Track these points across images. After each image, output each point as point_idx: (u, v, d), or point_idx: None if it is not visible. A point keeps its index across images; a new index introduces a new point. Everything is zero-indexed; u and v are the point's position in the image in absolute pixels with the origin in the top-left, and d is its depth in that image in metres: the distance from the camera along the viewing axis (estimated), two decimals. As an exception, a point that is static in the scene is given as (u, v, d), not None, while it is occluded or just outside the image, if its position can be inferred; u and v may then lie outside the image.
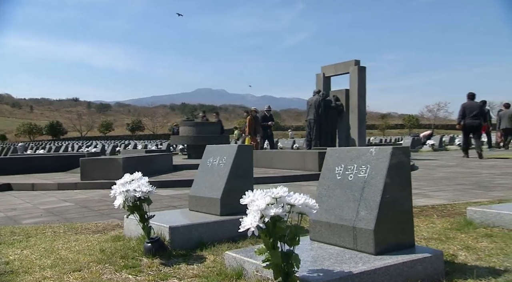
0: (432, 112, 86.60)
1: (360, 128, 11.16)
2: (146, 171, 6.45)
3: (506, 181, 5.76)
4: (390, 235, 1.76)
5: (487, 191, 4.70)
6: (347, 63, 11.68)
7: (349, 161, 1.98)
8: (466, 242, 2.37)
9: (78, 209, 4.30)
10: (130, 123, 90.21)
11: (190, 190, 3.04)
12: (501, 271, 1.83)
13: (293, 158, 7.01)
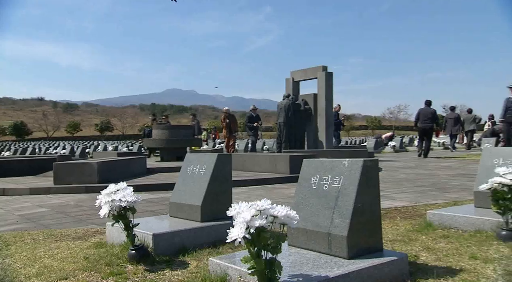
0: (393, 114, 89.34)
1: (328, 131, 11.45)
2: (120, 174, 6.46)
3: (459, 182, 6.11)
4: (361, 240, 1.90)
5: (443, 193, 4.99)
6: (315, 68, 11.94)
7: (324, 172, 2.10)
8: (427, 243, 2.55)
9: (54, 214, 4.24)
10: (99, 124, 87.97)
11: (170, 196, 3.09)
12: (457, 270, 2.00)
13: (265, 161, 7.14)
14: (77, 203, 4.92)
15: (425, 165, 9.95)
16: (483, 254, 2.26)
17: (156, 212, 4.19)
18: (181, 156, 9.67)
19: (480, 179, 3.08)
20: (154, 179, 6.61)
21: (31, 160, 8.78)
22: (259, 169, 7.19)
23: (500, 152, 3.20)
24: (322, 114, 11.51)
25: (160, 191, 5.75)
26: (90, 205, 4.74)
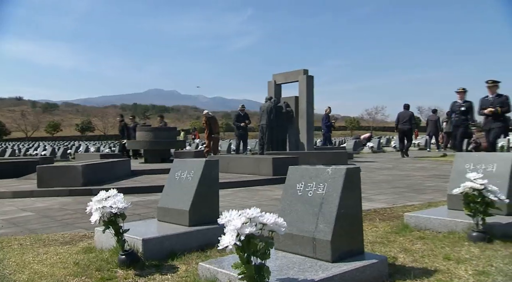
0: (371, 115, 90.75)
1: (309, 133, 11.60)
2: (105, 177, 6.42)
3: (433, 183, 6.30)
4: (344, 244, 1.98)
5: (419, 194, 5.15)
6: (296, 72, 12.09)
7: (308, 179, 2.18)
8: (404, 245, 2.66)
9: (40, 218, 4.20)
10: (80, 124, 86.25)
11: (158, 201, 3.13)
12: (432, 271, 2.11)
13: (248, 163, 7.20)
14: (61, 207, 4.88)
15: (401, 166, 10.19)
16: (456, 255, 2.38)
17: (143, 215, 4.20)
18: (165, 157, 9.64)
19: (453, 183, 3.22)
20: (139, 182, 6.59)
21: (12, 162, 8.61)
22: (243, 170, 7.25)
23: (471, 157, 3.35)
24: (303, 116, 11.66)
25: (145, 194, 5.74)
26: (75, 209, 4.71)
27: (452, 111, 8.98)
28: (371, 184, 6.26)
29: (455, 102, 8.94)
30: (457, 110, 8.78)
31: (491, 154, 3.34)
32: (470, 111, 8.76)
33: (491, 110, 7.64)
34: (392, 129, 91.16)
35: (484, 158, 3.29)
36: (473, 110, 8.89)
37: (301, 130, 11.68)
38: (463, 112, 8.66)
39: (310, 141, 11.66)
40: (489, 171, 3.16)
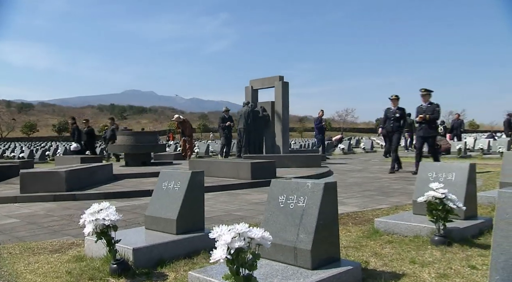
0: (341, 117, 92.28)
1: (284, 136, 11.79)
2: (88, 182, 6.37)
3: (399, 186, 6.57)
4: (322, 252, 2.11)
5: (387, 197, 5.37)
6: (272, 78, 12.26)
7: (290, 192, 2.30)
8: (375, 249, 2.82)
9: (26, 225, 4.16)
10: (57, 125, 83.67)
11: (146, 210, 3.17)
12: (400, 275, 2.27)
13: (228, 167, 7.28)
14: (47, 213, 4.83)
15: (370, 168, 10.50)
16: (421, 258, 2.56)
17: (128, 221, 4.22)
18: (145, 160, 9.59)
19: (418, 190, 3.42)
20: (122, 186, 6.56)
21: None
22: (223, 174, 7.32)
23: (433, 166, 3.57)
24: (279, 121, 11.86)
25: (128, 198, 5.73)
26: (60, 215, 4.67)
27: (387, 117, 8.89)
28: (343, 187, 6.46)
29: (389, 109, 8.92)
30: (392, 117, 8.74)
31: (451, 163, 3.56)
32: (404, 117, 8.84)
33: (421, 117, 7.82)
34: (360, 130, 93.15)
35: (444, 167, 3.51)
36: (405, 117, 9.03)
37: (277, 133, 11.86)
38: (397, 119, 8.64)
39: (286, 143, 11.86)
40: (449, 179, 3.38)
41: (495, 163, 11.39)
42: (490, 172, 8.52)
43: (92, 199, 5.70)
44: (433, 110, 7.79)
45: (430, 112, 7.79)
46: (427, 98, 7.94)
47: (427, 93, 7.93)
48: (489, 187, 6.12)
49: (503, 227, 1.56)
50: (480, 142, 16.28)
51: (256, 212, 4.46)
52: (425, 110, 7.85)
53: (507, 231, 1.55)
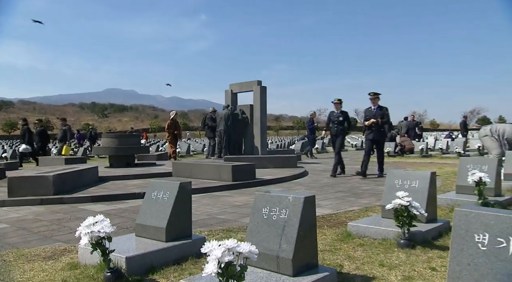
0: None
1: (262, 137, 11.91)
2: (75, 185, 6.29)
3: (369, 187, 6.79)
4: (302, 260, 2.23)
5: (357, 198, 5.57)
6: (251, 82, 12.35)
7: (272, 204, 2.40)
8: (348, 252, 2.97)
9: (17, 231, 4.10)
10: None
11: (137, 218, 3.21)
12: (371, 278, 2.41)
13: (210, 170, 7.33)
14: (36, 217, 4.76)
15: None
16: (388, 261, 2.71)
17: (117, 226, 4.19)
18: (129, 162, 9.50)
19: (386, 196, 3.60)
20: (107, 188, 6.51)
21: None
22: (204, 176, 7.37)
23: (399, 174, 3.75)
24: (257, 123, 11.95)
25: (115, 201, 5.70)
26: (49, 219, 4.62)
27: (330, 121, 8.55)
28: (317, 189, 6.62)
29: (333, 112, 8.58)
30: (335, 120, 8.40)
31: (414, 172, 3.75)
32: (347, 121, 8.52)
33: (372, 121, 7.69)
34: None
35: (409, 175, 3.70)
36: (349, 120, 8.77)
37: (255, 135, 11.96)
38: (340, 122, 8.34)
39: (264, 145, 11.98)
40: (413, 186, 3.57)
41: (453, 162, 11.90)
42: (448, 172, 8.89)
43: (80, 202, 5.66)
44: (383, 114, 7.72)
45: (380, 116, 7.71)
46: (376, 102, 7.84)
47: (376, 96, 7.83)
48: (447, 187, 6.43)
49: (459, 242, 1.71)
50: (439, 142, 16.90)
51: (238, 215, 4.55)
52: (375, 114, 7.75)
53: (462, 245, 1.70)
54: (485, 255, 1.64)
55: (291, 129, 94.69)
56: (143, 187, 6.62)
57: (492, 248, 1.63)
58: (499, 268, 1.60)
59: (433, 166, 10.92)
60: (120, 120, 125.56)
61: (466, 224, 1.72)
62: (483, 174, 4.28)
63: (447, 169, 9.74)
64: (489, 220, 1.67)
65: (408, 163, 12.05)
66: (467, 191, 4.71)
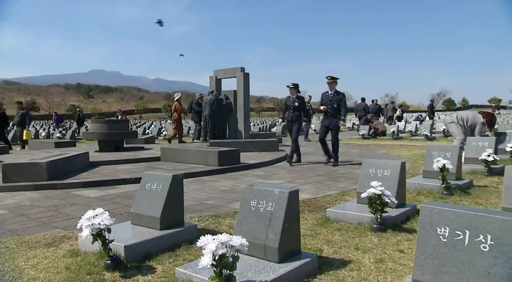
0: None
1: (246, 122, 11.97)
2: (67, 170, 6.26)
3: (345, 170, 6.99)
4: (287, 248, 2.37)
5: (335, 182, 5.76)
6: (234, 69, 12.28)
7: (260, 198, 2.51)
8: (327, 236, 3.13)
9: (15, 217, 4.09)
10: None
11: (131, 207, 3.27)
12: (347, 261, 2.58)
13: (197, 155, 7.38)
14: (32, 203, 4.74)
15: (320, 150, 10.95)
16: (363, 245, 2.89)
17: (111, 212, 4.20)
18: (118, 146, 9.44)
19: (361, 184, 3.78)
20: (98, 174, 6.49)
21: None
22: (192, 161, 7.42)
23: (373, 163, 3.92)
24: (241, 108, 11.97)
25: (106, 187, 5.71)
26: (46, 205, 4.62)
27: (286, 107, 7.73)
28: (298, 172, 6.78)
29: (289, 98, 7.74)
30: (291, 106, 7.58)
31: (386, 161, 3.92)
32: (303, 106, 7.71)
33: (324, 108, 7.24)
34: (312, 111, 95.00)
35: (382, 164, 3.88)
36: (305, 106, 7.87)
37: (239, 120, 12.01)
38: (296, 108, 7.53)
39: (247, 129, 12.05)
40: (385, 175, 3.75)
41: (420, 145, 12.30)
42: (416, 154, 9.22)
43: (73, 187, 5.65)
44: (339, 100, 7.20)
45: (337, 101, 7.18)
46: (334, 86, 7.24)
47: (334, 81, 7.23)
48: (415, 170, 6.70)
49: (424, 234, 1.87)
50: (409, 125, 17.35)
51: (225, 201, 4.66)
52: (331, 99, 7.20)
53: (426, 237, 1.86)
54: (445, 245, 1.80)
55: (272, 111, 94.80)
56: (132, 172, 6.64)
57: (451, 240, 1.80)
58: (457, 257, 1.77)
59: (403, 148, 11.27)
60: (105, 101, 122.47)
61: (430, 219, 1.87)
62: (446, 161, 4.51)
63: (415, 151, 10.08)
64: (449, 215, 1.83)
65: (380, 145, 12.39)
66: (433, 176, 4.96)
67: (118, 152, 9.13)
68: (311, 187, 5.42)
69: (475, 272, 1.69)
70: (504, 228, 1.68)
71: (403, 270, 2.41)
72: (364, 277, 2.33)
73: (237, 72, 12.01)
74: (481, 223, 1.73)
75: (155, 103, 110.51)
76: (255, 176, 6.53)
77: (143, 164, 7.52)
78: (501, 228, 1.69)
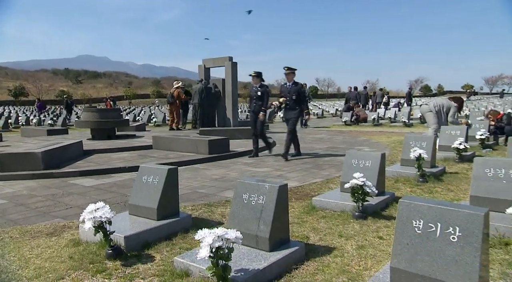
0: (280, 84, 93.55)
1: (234, 110, 11.97)
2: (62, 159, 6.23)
3: (329, 158, 7.13)
4: (277, 238, 2.48)
5: (319, 170, 5.89)
6: (223, 58, 12.18)
7: (252, 191, 2.60)
8: (313, 224, 3.26)
9: (15, 207, 4.08)
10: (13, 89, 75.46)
11: (129, 199, 3.32)
12: (332, 248, 2.72)
13: (188, 144, 7.41)
14: (30, 193, 4.73)
15: (305, 137, 11.11)
16: (346, 232, 3.03)
17: (108, 201, 4.24)
18: (111, 134, 9.37)
19: (345, 174, 3.91)
20: (94, 163, 6.47)
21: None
22: (183, 149, 7.45)
23: (356, 154, 4.04)
24: (229, 96, 11.95)
25: (102, 175, 5.71)
26: (44, 194, 4.62)
27: (251, 97, 7.06)
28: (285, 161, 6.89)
29: (252, 87, 7.08)
30: (254, 95, 6.94)
31: (368, 153, 4.05)
32: (266, 96, 6.86)
33: (283, 100, 6.66)
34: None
35: (364, 155, 4.01)
36: (268, 96, 6.98)
37: (228, 108, 12.00)
38: (259, 98, 6.85)
39: (235, 116, 12.07)
40: (367, 165, 3.89)
41: (399, 131, 12.60)
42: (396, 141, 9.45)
43: (69, 176, 5.64)
44: (298, 91, 6.63)
45: (295, 92, 6.61)
46: (292, 77, 6.65)
47: (291, 71, 6.65)
48: (394, 157, 6.91)
49: (401, 226, 2.00)
50: (388, 112, 17.64)
51: (217, 189, 4.74)
52: (290, 91, 6.65)
53: (403, 228, 1.99)
54: (419, 237, 1.93)
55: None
56: (127, 160, 6.64)
57: (425, 231, 1.93)
58: (429, 247, 1.90)
59: (382, 134, 11.51)
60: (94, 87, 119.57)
61: (407, 213, 2.00)
62: (422, 151, 4.68)
63: (394, 138, 10.33)
64: (424, 209, 1.96)
65: (362, 132, 12.61)
66: (410, 164, 5.13)
67: (110, 139, 9.07)
68: (297, 175, 5.55)
69: (445, 260, 1.83)
70: (470, 221, 1.82)
71: (382, 255, 2.56)
72: (347, 263, 2.47)
73: (226, 62, 11.94)
74: (451, 217, 1.87)
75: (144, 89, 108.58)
76: (244, 164, 6.61)
77: (136, 152, 7.51)
78: (467, 221, 1.82)
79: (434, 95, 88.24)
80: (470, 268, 1.76)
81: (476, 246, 1.77)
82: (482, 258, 1.77)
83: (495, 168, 3.26)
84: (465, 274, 1.75)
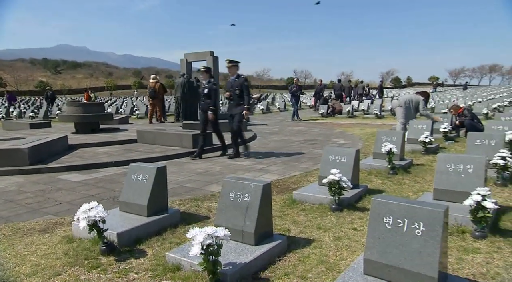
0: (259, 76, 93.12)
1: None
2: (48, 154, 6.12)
3: (307, 150, 7.30)
4: (262, 232, 2.60)
5: (299, 163, 6.05)
6: (204, 53, 12.08)
7: (238, 190, 2.70)
8: (294, 217, 3.41)
9: (5, 204, 4.01)
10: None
11: (120, 196, 3.35)
12: (311, 240, 2.87)
13: (172, 137, 7.39)
14: (19, 189, 4.64)
15: (284, 129, 11.28)
16: (324, 224, 3.19)
17: (97, 197, 4.25)
18: (94, 128, 9.20)
19: (322, 169, 4.06)
20: (80, 157, 6.37)
21: None
22: (167, 143, 7.43)
23: (333, 150, 4.21)
24: (211, 90, 11.88)
25: (88, 170, 5.64)
26: (33, 191, 4.55)
27: (203, 94, 6.37)
28: (264, 154, 6.98)
29: (202, 84, 6.53)
30: (202, 93, 6.37)
31: (343, 149, 4.22)
32: (213, 94, 6.26)
33: (229, 94, 6.21)
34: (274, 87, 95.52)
35: (340, 151, 4.17)
36: (216, 93, 6.36)
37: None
38: (207, 95, 6.24)
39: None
40: (343, 161, 4.06)
41: (372, 123, 12.96)
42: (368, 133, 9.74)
43: (56, 171, 5.55)
44: (240, 85, 6.10)
45: (238, 86, 6.11)
46: (234, 71, 6.12)
47: (233, 64, 6.10)
48: (367, 149, 7.16)
49: (373, 222, 2.15)
50: (362, 104, 18.05)
51: (202, 183, 4.81)
52: (233, 84, 6.15)
53: (375, 224, 2.15)
54: (389, 231, 2.10)
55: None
56: (112, 154, 6.58)
57: (394, 227, 2.09)
58: (398, 240, 2.07)
59: (356, 126, 11.81)
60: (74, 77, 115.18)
61: (379, 210, 2.15)
62: (392, 146, 4.91)
63: (367, 130, 10.63)
64: (393, 207, 2.12)
65: (337, 124, 12.89)
66: (381, 157, 5.36)
67: (94, 133, 8.90)
68: (277, 168, 5.68)
69: (410, 252, 2.01)
70: (432, 217, 1.99)
71: (356, 246, 2.74)
72: (325, 253, 2.62)
73: (207, 56, 11.84)
74: (416, 213, 2.04)
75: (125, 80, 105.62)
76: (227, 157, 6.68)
77: (121, 146, 7.44)
78: (429, 217, 2.00)
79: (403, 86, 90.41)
80: (431, 258, 1.94)
81: (437, 239, 1.94)
82: (442, 245, 1.95)
83: (455, 163, 3.49)
84: (427, 264, 1.93)
